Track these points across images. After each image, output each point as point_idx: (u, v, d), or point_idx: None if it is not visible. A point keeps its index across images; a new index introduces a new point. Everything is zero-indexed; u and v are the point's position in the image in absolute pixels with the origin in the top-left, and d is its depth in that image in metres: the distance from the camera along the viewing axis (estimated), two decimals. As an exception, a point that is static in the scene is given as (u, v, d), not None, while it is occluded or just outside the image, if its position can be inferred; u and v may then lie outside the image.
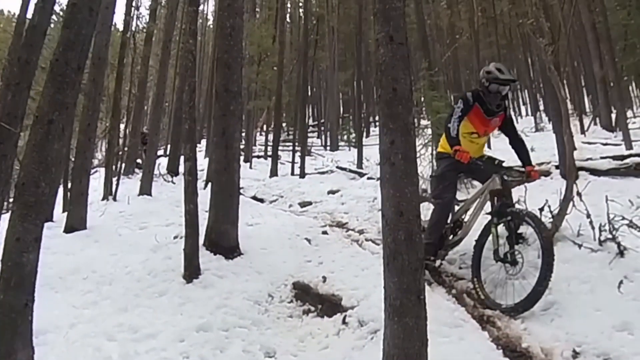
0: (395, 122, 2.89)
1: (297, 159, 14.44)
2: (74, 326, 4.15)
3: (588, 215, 4.54)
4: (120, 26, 15.35)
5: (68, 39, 2.79)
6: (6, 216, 5.04)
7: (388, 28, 2.97)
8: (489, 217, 4.48)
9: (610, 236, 4.30)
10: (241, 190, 7.28)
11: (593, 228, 4.48)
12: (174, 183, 12.74)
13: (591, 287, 3.93)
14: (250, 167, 16.64)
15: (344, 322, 4.25)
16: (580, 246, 4.38)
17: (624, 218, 4.37)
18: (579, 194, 4.75)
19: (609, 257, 4.14)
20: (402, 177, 2.85)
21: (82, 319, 4.31)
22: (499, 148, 11.60)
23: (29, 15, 5.57)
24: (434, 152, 7.69)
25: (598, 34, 15.22)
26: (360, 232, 6.76)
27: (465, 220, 4.88)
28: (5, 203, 6.43)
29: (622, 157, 6.60)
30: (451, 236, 4.91)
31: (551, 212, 4.85)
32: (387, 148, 2.91)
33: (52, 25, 11.09)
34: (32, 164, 2.66)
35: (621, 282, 3.86)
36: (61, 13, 14.70)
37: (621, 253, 4.14)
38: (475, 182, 5.97)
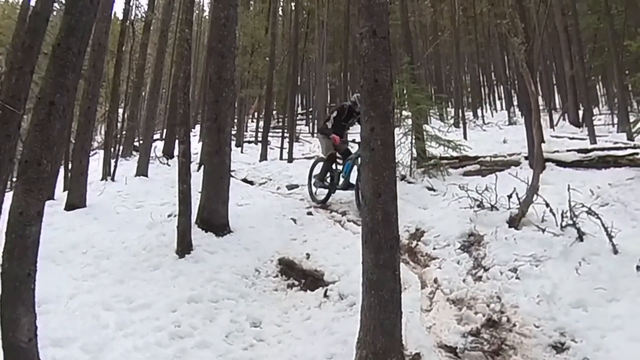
0: (376, 110, 2.93)
1: (286, 145, 14.38)
2: (74, 296, 4.18)
3: (547, 204, 4.65)
4: (120, 15, 15.08)
5: (69, 25, 2.76)
6: (9, 194, 5.06)
7: (371, 22, 3.00)
8: None
9: (571, 222, 4.41)
10: (232, 173, 7.29)
11: (554, 215, 4.58)
12: (169, 165, 12.62)
13: (553, 267, 4.03)
14: (242, 152, 16.55)
15: (325, 295, 4.33)
16: (543, 230, 4.48)
17: (584, 206, 4.47)
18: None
19: (569, 241, 4.24)
20: (381, 162, 2.90)
21: (82, 289, 4.34)
22: (474, 139, 11.74)
23: (33, 2, 5.47)
24: (413, 141, 7.77)
25: (569, 36, 15.28)
26: (343, 213, 6.80)
27: None
28: (9, 182, 6.35)
29: (586, 151, 6.71)
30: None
31: (519, 199, 4.94)
32: (367, 134, 2.96)
33: (54, 13, 10.89)
34: (34, 143, 2.64)
35: (579, 263, 3.97)
36: (63, 1, 14.38)
37: (580, 237, 4.25)
38: None
